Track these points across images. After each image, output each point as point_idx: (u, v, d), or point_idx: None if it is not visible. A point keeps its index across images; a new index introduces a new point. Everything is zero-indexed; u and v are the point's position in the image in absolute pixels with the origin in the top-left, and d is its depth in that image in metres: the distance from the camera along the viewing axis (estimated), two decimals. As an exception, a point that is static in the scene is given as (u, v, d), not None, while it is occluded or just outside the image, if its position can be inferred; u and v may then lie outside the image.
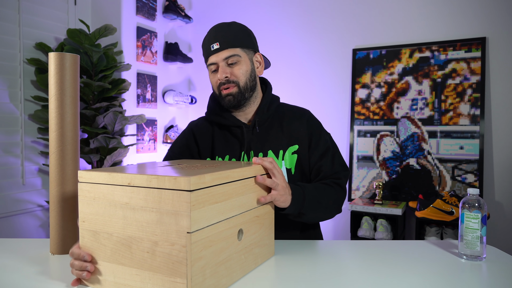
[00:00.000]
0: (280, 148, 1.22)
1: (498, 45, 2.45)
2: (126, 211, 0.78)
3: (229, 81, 1.18)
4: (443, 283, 0.88)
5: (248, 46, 1.21)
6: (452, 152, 2.52)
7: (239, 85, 1.19)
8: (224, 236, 0.81)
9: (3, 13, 2.10)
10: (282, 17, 3.06)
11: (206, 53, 1.22)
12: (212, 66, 1.20)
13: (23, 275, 0.90)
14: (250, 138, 1.23)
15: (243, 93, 1.20)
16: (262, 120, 1.24)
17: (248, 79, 1.20)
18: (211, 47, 1.18)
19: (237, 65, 1.18)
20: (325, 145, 1.24)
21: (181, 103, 3.11)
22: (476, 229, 1.01)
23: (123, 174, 0.79)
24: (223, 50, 1.17)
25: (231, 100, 1.20)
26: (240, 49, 1.19)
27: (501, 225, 2.41)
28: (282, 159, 1.21)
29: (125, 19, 2.71)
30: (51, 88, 1.06)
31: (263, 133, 1.24)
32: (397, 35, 2.72)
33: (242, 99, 1.20)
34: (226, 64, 1.18)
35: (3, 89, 2.11)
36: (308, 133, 1.24)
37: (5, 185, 2.12)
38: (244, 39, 1.21)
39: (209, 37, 1.20)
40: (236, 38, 1.19)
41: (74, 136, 1.08)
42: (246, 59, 1.20)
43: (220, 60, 1.18)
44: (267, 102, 1.26)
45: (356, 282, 0.88)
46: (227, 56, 1.17)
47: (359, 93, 2.81)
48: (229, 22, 1.23)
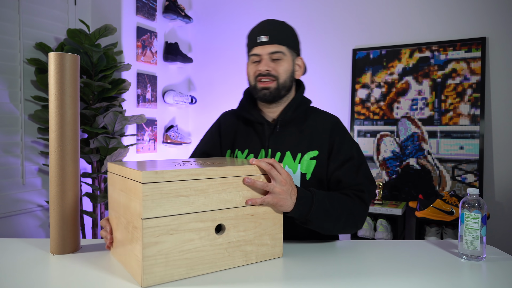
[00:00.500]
0: (298, 151, 1.19)
1: (498, 45, 2.45)
2: (121, 197, 0.96)
3: (270, 75, 1.18)
4: (443, 283, 0.88)
5: (293, 48, 1.23)
6: (452, 152, 2.52)
7: (278, 81, 1.19)
8: (194, 228, 0.88)
9: (3, 13, 2.10)
10: (282, 17, 3.05)
11: (251, 43, 1.22)
12: (254, 57, 1.21)
13: (23, 275, 0.90)
14: (270, 136, 1.23)
15: (279, 90, 1.20)
16: (285, 120, 1.23)
17: (288, 78, 1.21)
18: (258, 38, 1.19)
19: (281, 62, 1.19)
20: (348, 154, 1.18)
21: (181, 103, 3.11)
22: (476, 229, 1.01)
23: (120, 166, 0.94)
24: (271, 44, 1.18)
25: (266, 94, 1.20)
26: (286, 47, 1.20)
27: (501, 225, 2.41)
28: (299, 162, 1.18)
29: (125, 19, 2.70)
30: (51, 88, 1.06)
31: (284, 133, 1.23)
32: (397, 35, 2.72)
33: (277, 96, 1.21)
34: (270, 58, 1.19)
35: (3, 89, 2.11)
36: (331, 140, 1.20)
37: (5, 185, 2.12)
38: (292, 40, 1.22)
39: (259, 29, 1.21)
40: (286, 36, 1.20)
41: (74, 136, 1.08)
42: (289, 59, 1.21)
43: (265, 53, 1.18)
44: (294, 103, 1.24)
45: (356, 282, 0.88)
46: (273, 51, 1.18)
47: (359, 93, 2.81)
48: (280, 20, 1.24)
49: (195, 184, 0.88)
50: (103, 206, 2.34)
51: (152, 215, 0.83)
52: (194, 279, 0.88)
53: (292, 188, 0.99)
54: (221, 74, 3.31)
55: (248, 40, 1.25)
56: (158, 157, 3.07)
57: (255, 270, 0.94)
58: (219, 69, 3.32)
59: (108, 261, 0.99)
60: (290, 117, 1.23)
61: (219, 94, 3.32)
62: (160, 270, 0.84)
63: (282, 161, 1.20)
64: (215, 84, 3.34)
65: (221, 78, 3.31)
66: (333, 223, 1.07)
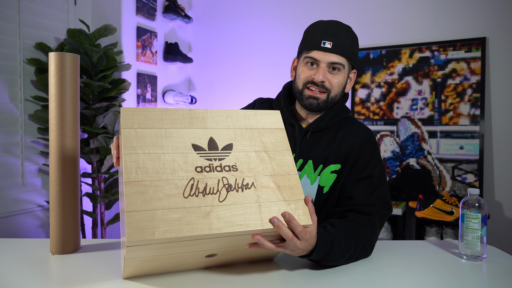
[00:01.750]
0: (321, 162, 1.13)
1: (498, 45, 2.44)
2: None
3: (323, 86, 1.11)
4: (443, 283, 0.88)
5: (353, 61, 1.14)
6: (452, 152, 2.52)
7: (329, 95, 1.12)
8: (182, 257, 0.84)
9: (3, 13, 2.10)
10: (282, 17, 3.06)
11: (311, 44, 1.11)
12: (310, 60, 1.11)
13: (23, 275, 0.90)
14: (299, 141, 1.16)
15: (328, 103, 1.13)
16: (318, 128, 1.16)
17: (339, 92, 1.14)
18: (322, 42, 1.09)
19: (337, 74, 1.11)
20: (367, 172, 1.09)
21: (181, 103, 3.10)
22: (477, 229, 1.01)
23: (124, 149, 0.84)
24: (333, 53, 1.09)
25: (313, 104, 1.12)
26: (346, 60, 1.11)
27: (501, 225, 2.41)
28: (319, 174, 1.12)
29: (125, 19, 2.70)
30: (51, 88, 1.06)
31: (312, 141, 1.16)
32: (397, 35, 2.72)
33: (324, 108, 1.14)
34: (328, 68, 1.10)
35: (3, 89, 2.10)
36: (356, 156, 1.11)
37: (5, 185, 2.12)
38: (353, 52, 1.13)
39: (324, 31, 1.10)
40: (350, 48, 1.11)
41: (74, 136, 1.08)
42: (345, 73, 1.13)
43: (326, 61, 1.09)
44: (334, 111, 1.16)
45: (356, 282, 0.88)
46: (334, 61, 1.09)
47: (359, 93, 2.81)
48: (348, 27, 1.14)
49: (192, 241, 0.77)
50: (103, 206, 2.34)
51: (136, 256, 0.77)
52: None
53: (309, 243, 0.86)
54: (221, 74, 3.31)
55: (306, 37, 1.14)
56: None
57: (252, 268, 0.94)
58: (219, 69, 3.32)
59: (108, 261, 0.99)
60: (324, 126, 1.16)
61: (219, 94, 3.31)
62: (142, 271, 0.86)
63: (302, 169, 1.14)
64: (215, 84, 3.34)
65: (221, 78, 3.31)
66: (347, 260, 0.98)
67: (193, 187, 0.79)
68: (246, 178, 0.84)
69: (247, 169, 0.85)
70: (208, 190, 0.80)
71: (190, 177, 0.80)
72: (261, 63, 3.12)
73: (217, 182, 0.81)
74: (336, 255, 0.92)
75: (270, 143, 0.92)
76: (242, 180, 0.83)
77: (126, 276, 0.87)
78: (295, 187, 0.87)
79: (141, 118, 0.85)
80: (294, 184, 0.87)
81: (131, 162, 0.79)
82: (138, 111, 0.85)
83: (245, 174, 0.84)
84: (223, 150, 0.86)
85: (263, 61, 3.11)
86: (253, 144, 0.90)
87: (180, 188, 0.78)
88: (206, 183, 0.80)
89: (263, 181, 0.85)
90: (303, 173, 1.14)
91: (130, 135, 0.82)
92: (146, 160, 0.80)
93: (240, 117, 0.93)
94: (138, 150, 0.81)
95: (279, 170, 0.88)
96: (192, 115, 0.89)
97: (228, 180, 0.83)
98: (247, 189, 0.82)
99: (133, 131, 0.83)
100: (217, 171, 0.83)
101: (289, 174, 0.88)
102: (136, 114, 0.85)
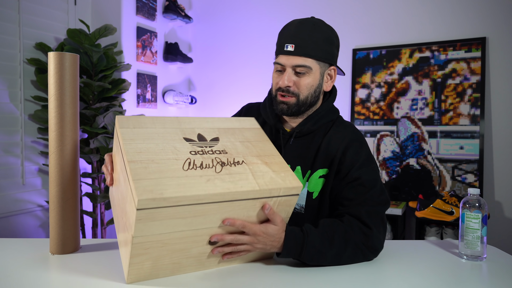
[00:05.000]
0: (309, 168, 1.10)
1: (498, 45, 2.44)
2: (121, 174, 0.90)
3: (289, 91, 1.07)
4: (443, 283, 0.88)
5: (324, 59, 1.08)
6: (452, 152, 2.52)
7: (299, 98, 1.08)
8: (188, 241, 0.85)
9: (3, 13, 2.10)
10: (282, 17, 3.06)
11: (277, 49, 1.10)
12: (278, 66, 1.09)
13: (23, 275, 0.90)
14: (283, 146, 1.14)
15: (299, 106, 1.09)
16: (302, 132, 1.12)
17: (310, 94, 1.09)
18: (285, 46, 1.06)
19: (304, 77, 1.07)
20: (354, 176, 1.05)
21: (181, 103, 3.10)
22: (477, 229, 1.01)
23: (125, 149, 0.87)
24: (296, 56, 1.05)
25: (284, 109, 1.10)
26: (314, 60, 1.06)
27: (501, 225, 2.41)
28: (307, 180, 1.10)
29: (125, 19, 2.70)
30: (50, 88, 1.06)
31: (298, 145, 1.13)
32: (397, 35, 2.72)
33: (296, 112, 1.10)
34: (294, 71, 1.07)
35: (3, 89, 2.10)
36: (342, 159, 1.07)
37: (5, 185, 2.12)
38: (323, 50, 1.07)
39: (287, 34, 1.07)
40: (315, 47, 1.05)
41: (73, 136, 1.08)
42: (316, 73, 1.08)
43: (289, 65, 1.06)
44: (318, 114, 1.13)
45: (356, 282, 0.88)
46: (298, 64, 1.05)
47: (359, 93, 2.81)
48: (316, 23, 1.08)
49: (198, 207, 0.81)
50: (103, 206, 2.34)
51: (144, 233, 0.79)
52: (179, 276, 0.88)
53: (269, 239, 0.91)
54: (221, 74, 3.31)
55: (277, 41, 1.12)
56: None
57: (250, 269, 0.94)
58: (219, 69, 3.32)
59: (108, 261, 0.99)
60: (308, 130, 1.12)
61: (219, 94, 3.31)
62: (146, 273, 0.86)
63: None
64: (215, 84, 3.34)
65: (221, 78, 3.31)
66: (335, 259, 0.97)
67: (191, 163, 0.87)
68: (236, 158, 0.93)
69: (236, 153, 0.95)
70: (205, 165, 0.87)
71: (186, 157, 0.88)
72: (261, 63, 3.12)
73: (211, 160, 0.90)
74: (311, 252, 0.93)
75: (251, 137, 1.03)
76: (233, 159, 0.92)
77: (131, 280, 0.85)
78: (281, 162, 0.96)
79: (135, 121, 0.95)
80: (280, 161, 0.96)
81: (131, 148, 0.86)
82: (131, 117, 0.96)
83: (235, 155, 0.94)
84: (211, 141, 0.96)
85: (263, 61, 3.11)
86: (237, 138, 1.01)
87: (179, 164, 0.85)
88: (202, 161, 0.88)
89: (251, 159, 0.94)
90: None
91: (128, 132, 0.90)
92: (144, 147, 0.87)
93: (222, 121, 1.05)
94: (137, 141, 0.89)
95: (264, 153, 0.98)
96: (180, 120, 1.00)
97: (221, 159, 0.91)
98: (239, 165, 0.91)
99: (130, 130, 0.91)
100: (209, 154, 0.92)
101: (273, 155, 0.98)
102: (130, 119, 0.95)
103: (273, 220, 0.91)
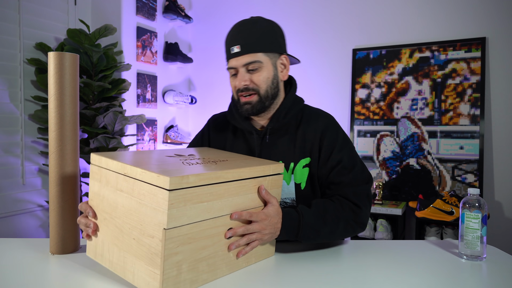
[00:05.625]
0: (291, 161, 1.13)
1: (498, 45, 2.44)
2: (121, 198, 0.84)
3: (248, 89, 1.10)
4: (443, 283, 0.88)
5: (272, 50, 1.10)
6: (452, 152, 2.52)
7: (259, 93, 1.10)
8: (209, 234, 0.84)
9: (3, 13, 2.10)
10: (282, 17, 3.06)
11: (226, 54, 1.13)
12: (231, 70, 1.12)
13: (23, 275, 0.90)
14: (260, 146, 1.16)
15: (263, 102, 1.11)
16: (275, 128, 1.14)
17: (269, 87, 1.11)
18: (231, 49, 1.09)
19: (258, 72, 1.09)
20: (337, 158, 1.11)
21: (181, 103, 3.11)
22: (477, 229, 1.01)
23: (121, 163, 0.84)
24: (243, 54, 1.07)
25: (248, 109, 1.12)
26: (262, 54, 1.08)
27: (501, 225, 2.41)
28: (292, 172, 1.12)
29: (125, 19, 2.70)
30: (50, 88, 1.06)
31: (274, 142, 1.15)
32: (397, 35, 2.72)
33: (262, 108, 1.12)
34: (246, 70, 1.09)
35: (3, 89, 2.11)
36: (320, 144, 1.12)
37: (5, 185, 2.12)
38: (268, 42, 1.10)
39: (231, 38, 1.11)
40: (259, 41, 1.08)
41: (73, 136, 1.08)
42: (268, 65, 1.10)
43: (240, 65, 1.09)
44: (285, 107, 1.15)
45: (356, 282, 0.88)
46: (247, 62, 1.08)
47: (359, 93, 2.81)
48: (255, 19, 1.11)
49: (215, 188, 0.83)
50: (103, 206, 2.33)
51: (175, 224, 0.76)
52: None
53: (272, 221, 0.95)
54: (221, 74, 3.31)
55: (225, 49, 1.15)
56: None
57: (255, 271, 0.94)
58: (219, 69, 3.32)
59: (108, 261, 0.99)
60: (281, 124, 1.14)
61: (219, 94, 3.31)
62: (174, 282, 0.78)
63: None
64: (215, 84, 3.34)
65: (221, 78, 3.31)
66: (329, 235, 1.04)
67: (191, 163, 0.90)
68: (221, 159, 0.99)
69: (218, 158, 1.00)
70: (201, 162, 0.92)
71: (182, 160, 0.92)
72: (261, 63, 3.12)
73: (203, 160, 0.95)
74: (308, 230, 0.99)
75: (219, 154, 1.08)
76: (220, 160, 0.97)
77: None
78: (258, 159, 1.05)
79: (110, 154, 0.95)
80: (261, 161, 1.02)
81: (127, 162, 0.85)
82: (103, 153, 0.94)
83: (220, 159, 0.99)
84: (189, 155, 1.00)
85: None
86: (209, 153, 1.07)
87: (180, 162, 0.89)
88: (197, 162, 0.92)
89: (235, 157, 1.03)
90: None
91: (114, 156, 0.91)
92: (139, 160, 0.88)
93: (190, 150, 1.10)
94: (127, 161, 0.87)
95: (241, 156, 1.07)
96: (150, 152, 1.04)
97: (210, 160, 0.96)
98: (228, 161, 0.96)
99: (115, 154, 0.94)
100: (197, 159, 0.96)
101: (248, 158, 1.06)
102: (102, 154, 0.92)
103: (270, 200, 0.96)
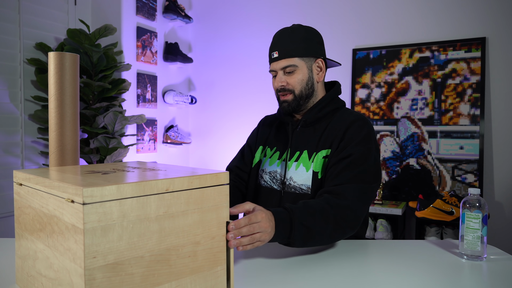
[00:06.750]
0: (314, 150, 1.22)
1: (498, 45, 2.45)
2: (163, 222, 0.70)
3: (285, 89, 1.24)
4: (443, 283, 0.88)
5: (307, 54, 1.23)
6: (452, 152, 2.52)
7: (294, 93, 1.23)
8: None
9: (3, 13, 2.10)
10: (282, 17, 3.06)
11: (269, 59, 1.28)
12: (272, 72, 1.27)
13: (23, 275, 0.90)
14: (292, 135, 1.28)
15: (298, 100, 1.24)
16: (308, 121, 1.25)
17: (303, 88, 1.24)
18: (272, 55, 1.24)
19: (293, 74, 1.22)
20: (348, 152, 1.13)
21: (181, 103, 3.11)
22: (477, 229, 1.01)
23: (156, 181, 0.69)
24: (281, 59, 1.22)
25: (285, 107, 1.26)
26: (298, 58, 1.22)
27: (501, 225, 2.41)
28: (312, 161, 1.21)
29: (125, 19, 2.70)
30: (50, 88, 1.06)
31: (304, 133, 1.26)
32: (397, 35, 2.72)
33: (297, 106, 1.25)
34: (284, 72, 1.23)
35: (3, 89, 2.10)
36: (341, 138, 1.17)
37: (5, 185, 2.12)
38: (303, 48, 1.22)
39: (272, 44, 1.25)
40: (295, 48, 1.21)
41: (74, 136, 1.08)
42: (303, 68, 1.23)
43: (278, 68, 1.23)
44: (321, 103, 1.25)
45: (356, 282, 0.88)
46: (284, 66, 1.22)
47: (359, 93, 2.81)
48: (293, 27, 1.24)
49: None
50: (103, 206, 2.33)
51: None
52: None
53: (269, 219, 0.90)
54: (221, 74, 3.31)
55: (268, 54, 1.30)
56: (158, 157, 3.07)
57: (255, 271, 0.94)
58: (219, 69, 3.32)
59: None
60: (314, 117, 1.24)
61: (219, 94, 3.31)
62: None
63: (298, 159, 1.23)
64: (215, 84, 3.34)
65: (221, 78, 3.31)
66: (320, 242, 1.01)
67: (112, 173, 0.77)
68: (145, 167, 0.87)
69: None
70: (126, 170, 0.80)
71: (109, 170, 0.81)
72: (261, 62, 3.12)
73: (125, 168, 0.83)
74: (301, 230, 0.95)
75: None
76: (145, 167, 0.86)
77: None
78: None
79: None
80: None
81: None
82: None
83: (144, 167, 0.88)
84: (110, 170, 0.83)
85: (263, 61, 3.11)
86: None
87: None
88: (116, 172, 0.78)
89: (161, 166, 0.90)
90: (300, 162, 1.23)
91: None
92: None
93: None
94: None
95: None
96: None
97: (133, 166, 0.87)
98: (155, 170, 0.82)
99: None
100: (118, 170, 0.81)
101: None
102: None
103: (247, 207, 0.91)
